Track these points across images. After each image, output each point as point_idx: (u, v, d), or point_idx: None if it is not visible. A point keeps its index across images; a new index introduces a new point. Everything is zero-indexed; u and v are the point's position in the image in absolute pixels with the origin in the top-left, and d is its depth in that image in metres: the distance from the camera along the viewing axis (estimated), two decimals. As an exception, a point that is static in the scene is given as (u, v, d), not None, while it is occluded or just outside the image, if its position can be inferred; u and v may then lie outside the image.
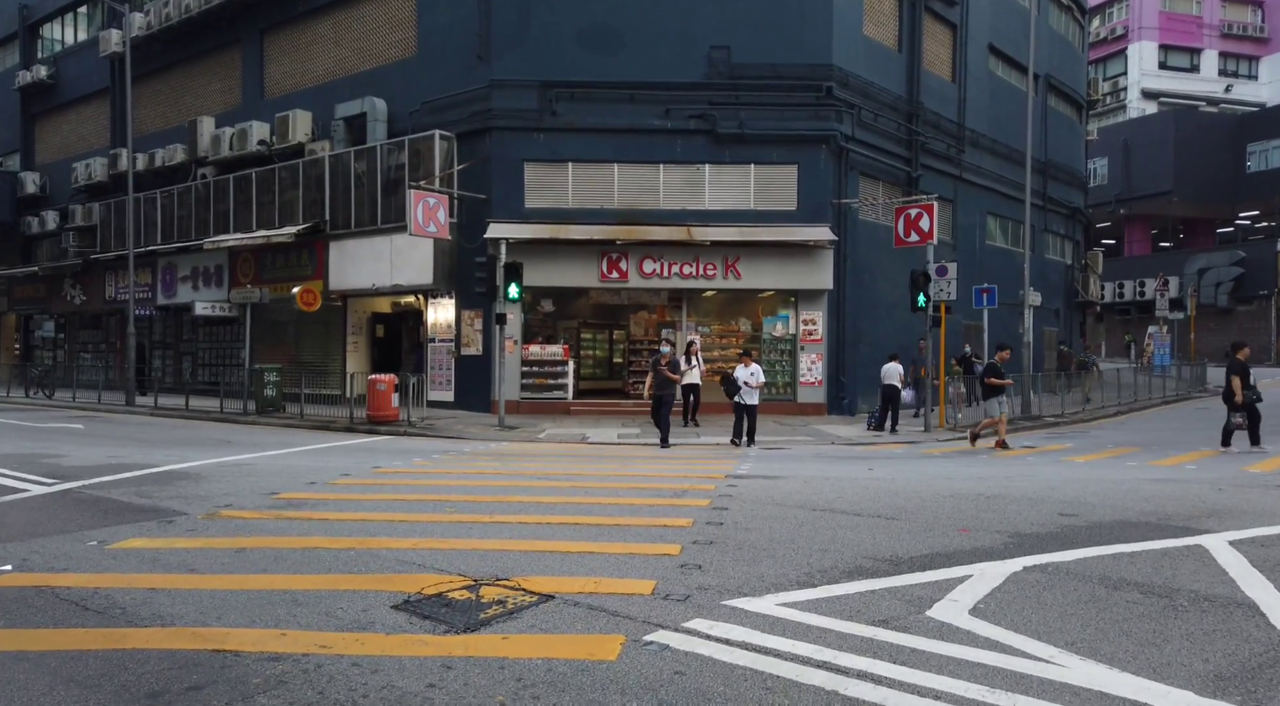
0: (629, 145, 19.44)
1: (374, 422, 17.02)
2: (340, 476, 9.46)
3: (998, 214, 26.37)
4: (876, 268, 21.17)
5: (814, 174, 19.57)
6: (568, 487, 8.60)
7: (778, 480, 9.29)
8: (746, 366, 14.40)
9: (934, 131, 22.77)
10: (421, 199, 18.12)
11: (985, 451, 13.68)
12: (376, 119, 21.19)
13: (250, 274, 24.04)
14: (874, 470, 10.51)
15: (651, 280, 19.42)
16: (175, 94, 27.50)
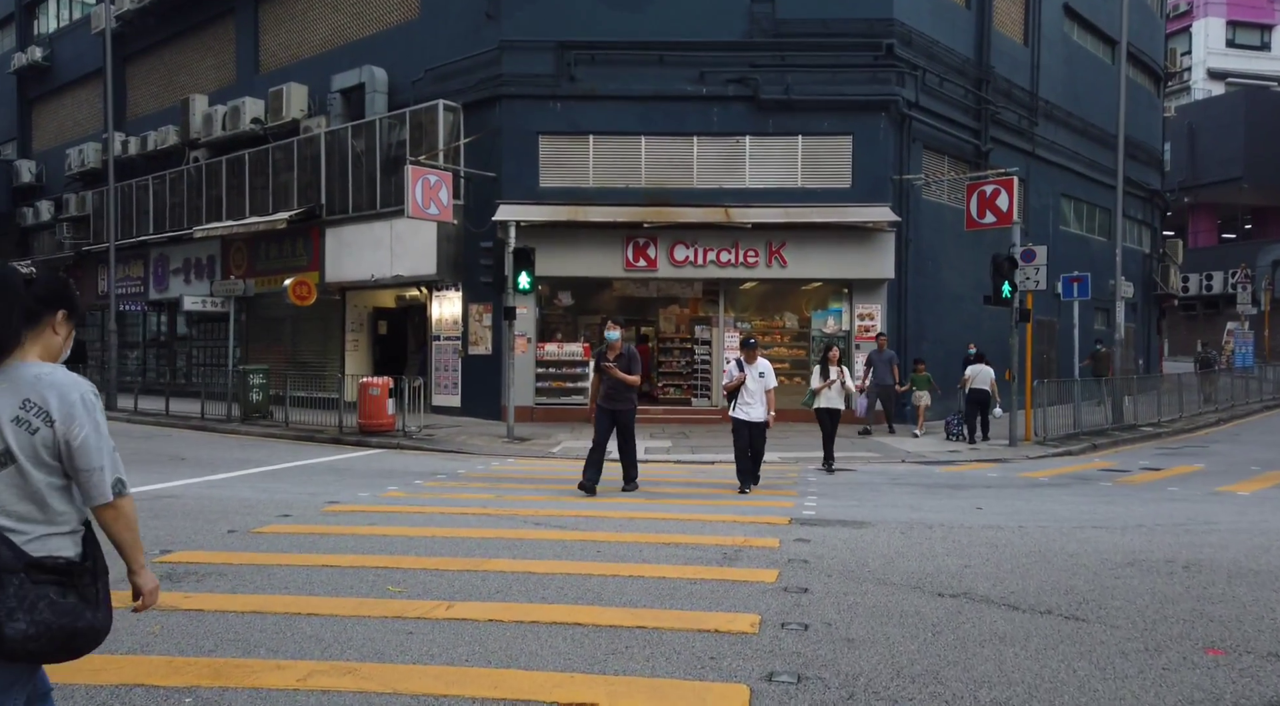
0: (658, 114, 16.98)
1: (366, 432, 14.76)
2: (277, 519, 7.13)
3: (1073, 196, 23.51)
4: (941, 254, 18.50)
5: (872, 146, 16.96)
6: (573, 544, 6.16)
7: (862, 529, 6.78)
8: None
9: (1004, 100, 20.01)
10: (421, 176, 15.82)
11: (1099, 473, 11.03)
12: (376, 90, 18.94)
13: (243, 265, 21.96)
14: (983, 508, 7.96)
15: (684, 269, 16.94)
16: (169, 72, 25.54)
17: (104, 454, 2.16)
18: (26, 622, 2.02)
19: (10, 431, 2.08)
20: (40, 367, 2.14)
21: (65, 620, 2.08)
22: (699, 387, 17.87)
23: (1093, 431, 15.75)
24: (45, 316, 2.21)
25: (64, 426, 2.10)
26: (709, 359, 17.73)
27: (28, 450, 2.09)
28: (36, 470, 2.10)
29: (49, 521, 2.13)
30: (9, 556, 2.05)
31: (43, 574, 2.08)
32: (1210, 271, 47.71)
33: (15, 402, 2.09)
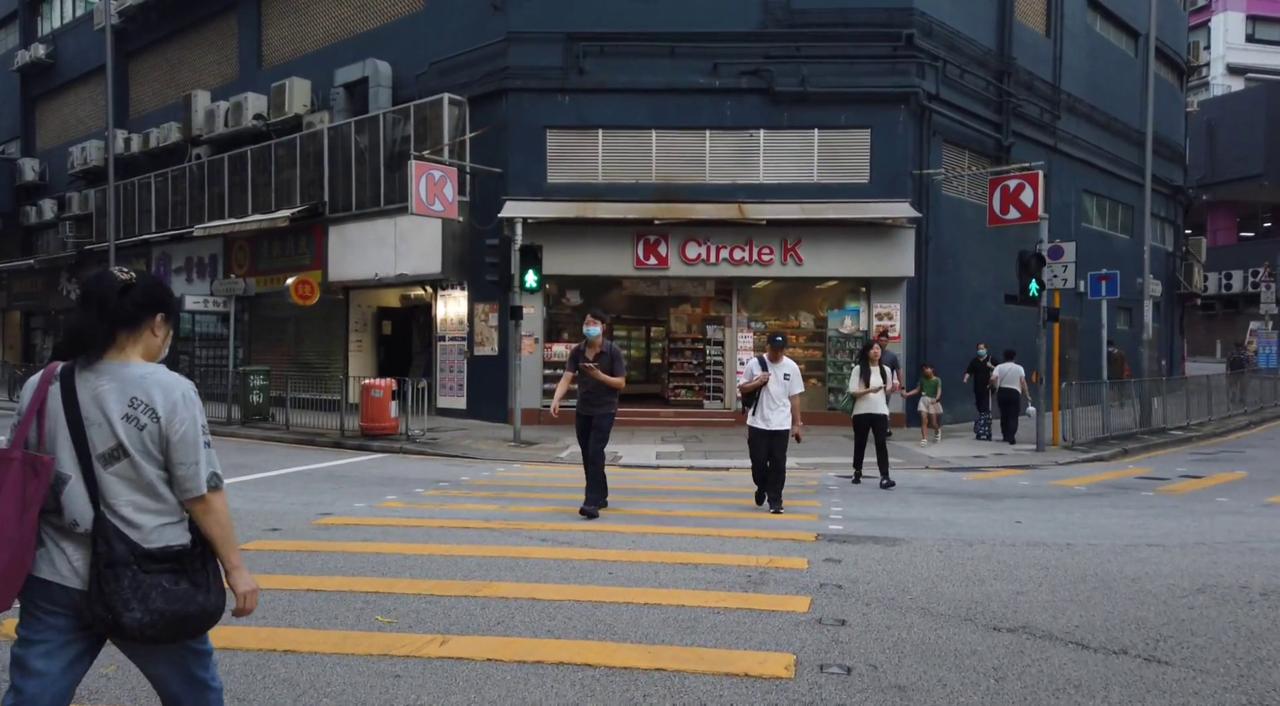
0: (669, 108, 16.45)
1: (368, 436, 14.29)
2: (264, 533, 6.64)
3: (1095, 192, 22.87)
4: (961, 252, 17.91)
5: (890, 140, 16.39)
6: (582, 565, 5.65)
7: (897, 547, 6.24)
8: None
9: (1026, 93, 19.40)
10: (425, 171, 15.33)
11: (1137, 481, 10.45)
12: (379, 84, 18.47)
13: (245, 264, 21.54)
14: (1023, 522, 7.40)
15: (696, 267, 16.40)
16: (172, 68, 25.14)
17: (200, 449, 2.24)
18: (141, 612, 2.13)
19: (121, 427, 2.17)
20: (144, 367, 2.24)
21: (177, 606, 2.17)
22: (711, 389, 17.34)
23: (1122, 435, 15.15)
24: (144, 320, 2.28)
25: (167, 422, 2.19)
26: (722, 360, 17.19)
27: (137, 444, 2.18)
28: (146, 463, 2.19)
29: (161, 511, 2.22)
30: (122, 550, 2.14)
31: (154, 563, 2.17)
32: (1229, 270, 46.87)
33: (124, 400, 2.18)
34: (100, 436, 2.17)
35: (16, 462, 2.12)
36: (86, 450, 2.17)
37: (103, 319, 2.20)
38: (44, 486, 2.14)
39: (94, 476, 2.17)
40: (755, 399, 8.00)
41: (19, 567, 2.12)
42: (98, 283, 2.25)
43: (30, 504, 2.12)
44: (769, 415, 7.92)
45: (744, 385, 8.15)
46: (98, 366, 2.21)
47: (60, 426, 2.18)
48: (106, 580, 2.12)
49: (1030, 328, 19.62)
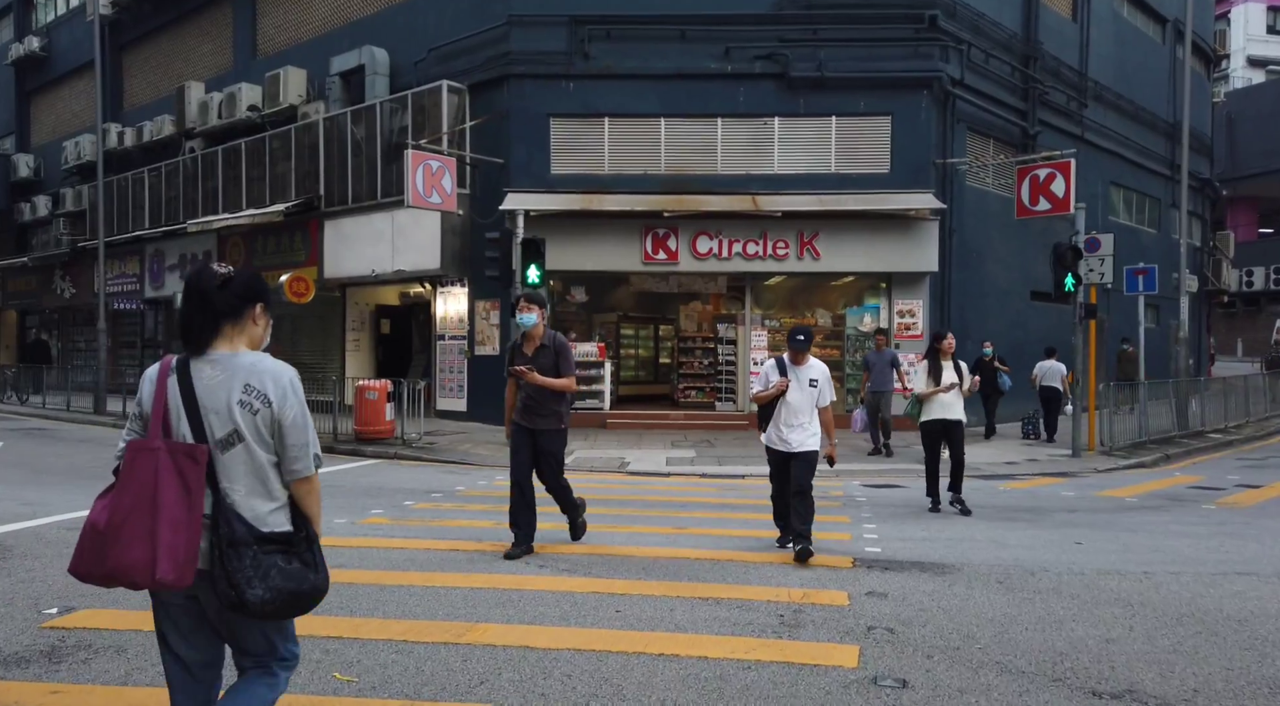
0: (679, 94, 15.64)
1: (362, 440, 13.54)
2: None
3: (1122, 184, 21.95)
4: (986, 246, 17.05)
5: (912, 127, 15.54)
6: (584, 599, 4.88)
7: (948, 577, 5.42)
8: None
9: (1053, 80, 18.51)
10: (422, 161, 14.57)
11: (1190, 491, 9.60)
12: (376, 72, 17.70)
13: (239, 260, 20.79)
14: (1083, 543, 6.57)
15: (707, 262, 15.58)
16: (166, 60, 24.46)
17: (309, 430, 2.35)
18: (263, 588, 2.23)
19: (238, 413, 2.27)
20: (253, 356, 2.35)
21: (293, 584, 2.28)
22: (723, 390, 16.52)
23: (1159, 438, 14.28)
24: (246, 310, 2.37)
25: (279, 407, 2.31)
26: (734, 359, 16.37)
27: (252, 430, 2.29)
28: (260, 448, 2.30)
29: (270, 496, 2.33)
30: (242, 530, 2.26)
31: (270, 544, 2.29)
32: (1250, 267, 45.73)
33: (238, 388, 2.28)
34: (218, 423, 2.27)
35: (163, 451, 2.22)
36: (204, 437, 2.26)
37: (207, 312, 2.31)
38: (203, 472, 2.24)
39: (213, 461, 2.26)
40: (772, 410, 6.13)
41: (194, 546, 2.21)
42: (198, 278, 2.34)
43: (193, 488, 2.23)
44: (789, 433, 6.06)
45: (758, 394, 6.21)
46: (209, 357, 2.31)
47: (180, 415, 2.28)
48: (229, 559, 2.21)
49: (1057, 326, 18.80)
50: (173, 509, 2.19)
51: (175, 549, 2.17)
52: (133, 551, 2.18)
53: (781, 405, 6.09)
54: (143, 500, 2.20)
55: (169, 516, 2.18)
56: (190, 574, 2.20)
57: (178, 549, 2.18)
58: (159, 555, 2.17)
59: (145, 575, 2.18)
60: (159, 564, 2.16)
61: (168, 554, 2.17)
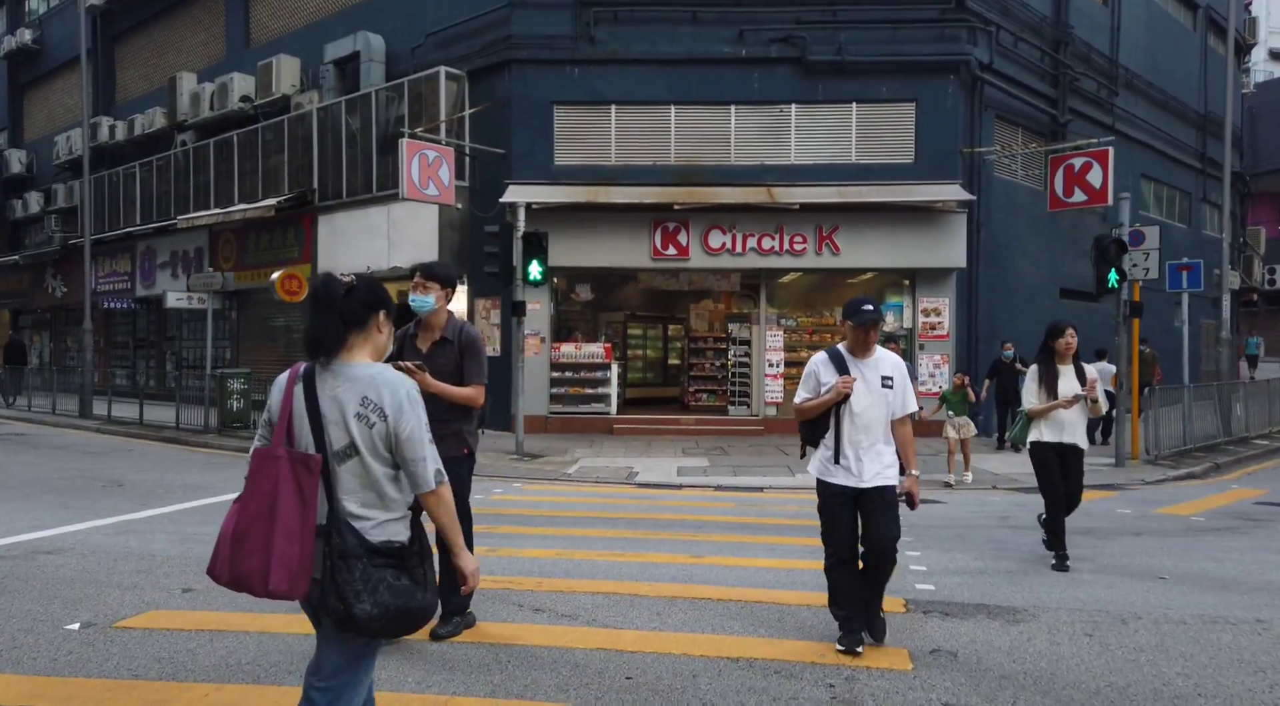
0: (690, 81, 14.77)
1: (353, 447, 12.68)
2: (166, 597, 5.04)
3: (1153, 177, 20.98)
4: (1014, 240, 16.13)
5: (938, 114, 14.63)
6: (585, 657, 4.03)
7: (1022, 623, 4.55)
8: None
9: (1083, 66, 17.57)
10: (418, 151, 13.72)
11: (1259, 509, 8.69)
12: (372, 59, 16.87)
13: (231, 258, 20.03)
14: (1167, 578, 5.67)
15: (720, 257, 14.71)
16: (159, 50, 23.70)
17: (426, 445, 2.33)
18: (370, 603, 2.20)
19: (354, 426, 2.27)
20: (373, 367, 2.35)
21: (400, 601, 2.25)
22: (736, 394, 15.63)
23: (1205, 446, 13.36)
24: (370, 319, 2.38)
25: (395, 420, 2.28)
26: (748, 361, 15.49)
27: (368, 443, 2.28)
28: (375, 461, 2.29)
29: (386, 508, 2.32)
30: (353, 542, 2.24)
31: (381, 558, 2.26)
32: (1273, 265, 44.62)
33: (356, 400, 2.28)
34: (336, 434, 2.28)
35: (284, 460, 2.24)
36: (324, 447, 2.28)
37: (335, 321, 2.31)
38: (317, 481, 2.24)
39: (330, 472, 2.27)
40: (826, 426, 4.16)
41: (308, 556, 2.22)
42: (325, 287, 2.35)
43: (308, 498, 2.23)
44: (858, 459, 4.08)
45: (805, 403, 4.20)
46: (333, 367, 2.33)
47: (304, 425, 2.31)
48: (339, 571, 2.21)
49: (1087, 326, 17.82)
50: (288, 518, 2.20)
51: (289, 559, 2.19)
52: (253, 559, 2.21)
53: (842, 417, 4.08)
54: (264, 508, 2.22)
55: (284, 526, 2.20)
56: (304, 584, 2.21)
57: (291, 559, 2.19)
58: (273, 565, 2.18)
59: (261, 584, 2.20)
60: (272, 574, 2.18)
61: (281, 563, 2.19)
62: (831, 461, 4.13)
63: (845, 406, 4.10)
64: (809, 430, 4.25)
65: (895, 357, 4.26)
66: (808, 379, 4.23)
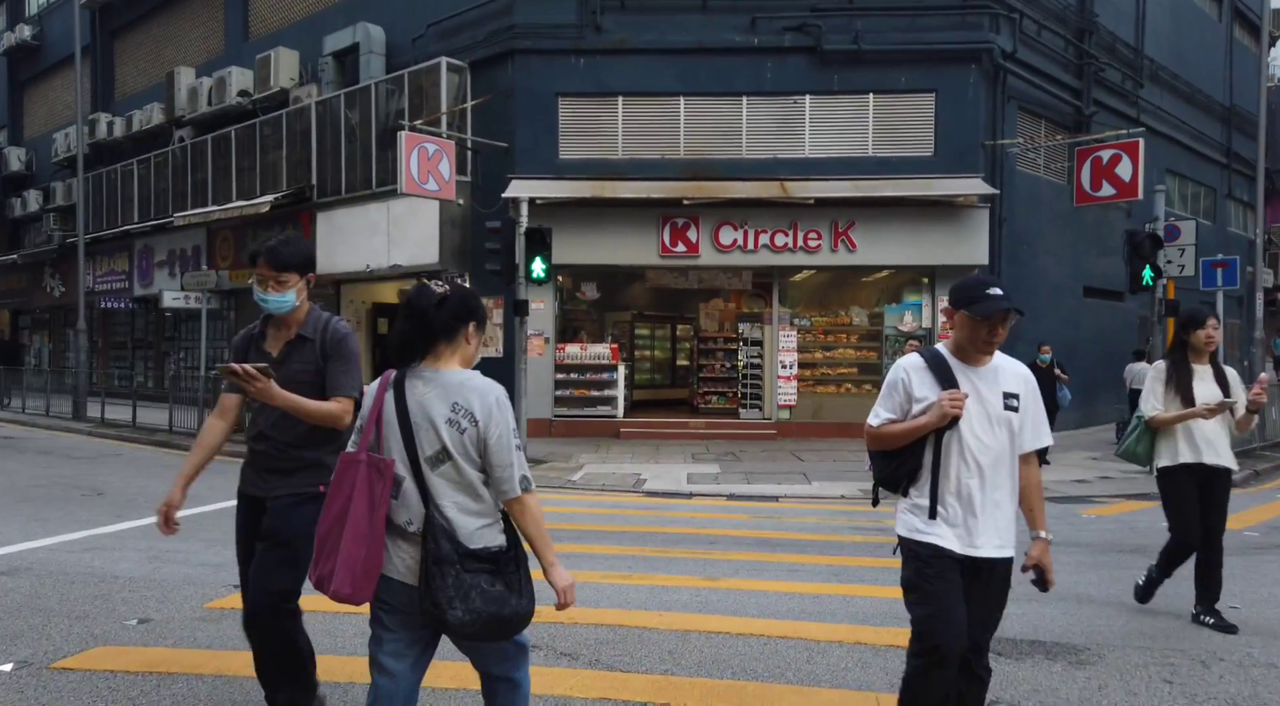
0: (700, 71, 14.21)
1: (350, 451, 12.17)
2: (119, 630, 4.51)
3: (1178, 172, 20.32)
4: (1037, 237, 15.52)
5: (959, 105, 14.03)
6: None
7: (1088, 667, 4.03)
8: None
9: (1108, 56, 16.94)
10: (417, 144, 13.21)
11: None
12: (372, 51, 16.36)
13: (229, 256, 19.56)
14: (1239, 607, 5.09)
15: (731, 254, 14.14)
16: (157, 45, 23.25)
17: (513, 451, 2.32)
18: (463, 610, 2.21)
19: (445, 431, 2.29)
20: (462, 374, 2.37)
21: (493, 607, 2.24)
22: (748, 397, 15.05)
23: (1241, 451, 12.67)
24: (459, 329, 2.40)
25: (485, 426, 2.29)
26: (760, 362, 14.91)
27: (459, 447, 2.29)
28: (467, 465, 2.29)
29: (480, 512, 2.32)
30: (448, 548, 2.23)
31: (475, 563, 2.26)
32: (1292, 263, 43.74)
33: (446, 406, 2.30)
34: (427, 440, 2.29)
35: (363, 465, 2.29)
36: (416, 453, 2.29)
37: (424, 331, 2.34)
38: (388, 486, 2.28)
39: (423, 478, 2.29)
40: (918, 464, 2.85)
41: (375, 562, 2.26)
42: (418, 297, 2.35)
43: (378, 503, 2.27)
44: (969, 514, 2.79)
45: (888, 427, 2.88)
46: (423, 373, 2.35)
47: (393, 431, 2.32)
48: (434, 577, 2.22)
49: (1111, 325, 17.27)
50: (357, 521, 2.24)
51: (353, 562, 2.21)
52: (329, 562, 2.26)
53: (946, 452, 2.77)
54: (342, 513, 2.26)
55: (353, 528, 2.24)
56: (368, 589, 2.24)
57: (355, 561, 2.21)
58: (338, 568, 2.22)
59: (329, 588, 2.24)
60: (336, 576, 2.22)
61: (345, 567, 2.22)
62: (924, 509, 2.78)
63: (952, 435, 2.74)
64: (889, 467, 2.88)
65: (1020, 367, 2.92)
66: (891, 392, 2.87)
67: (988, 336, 2.75)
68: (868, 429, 2.93)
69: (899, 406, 2.85)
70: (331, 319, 3.20)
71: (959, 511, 2.76)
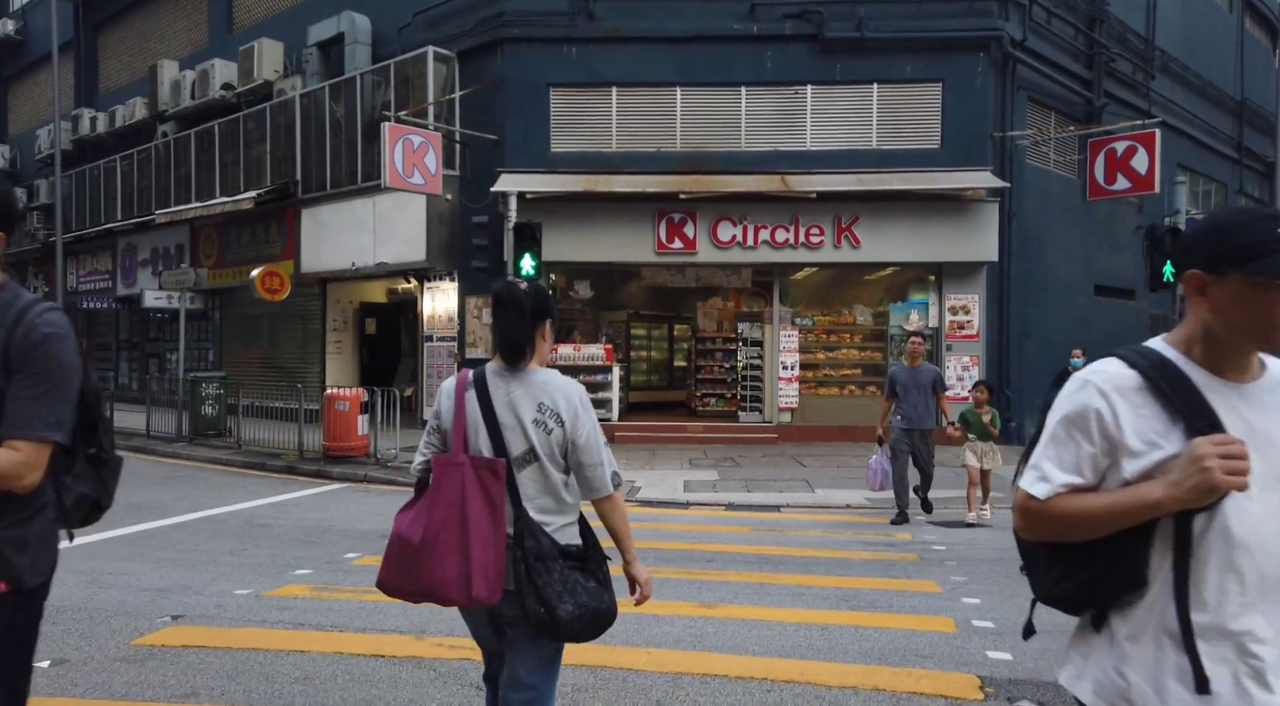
0: (697, 61, 13.66)
1: (331, 458, 11.66)
2: (43, 665, 3.95)
3: (1189, 167, 19.72)
4: (1047, 233, 14.96)
5: (967, 95, 13.49)
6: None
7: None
8: None
9: (1119, 47, 16.39)
10: (401, 136, 12.66)
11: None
12: (357, 40, 15.80)
13: (213, 254, 19.00)
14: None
15: (730, 251, 13.59)
16: (140, 38, 22.70)
17: (602, 449, 2.33)
18: (572, 604, 2.19)
19: (533, 431, 2.26)
20: (545, 373, 2.34)
21: (595, 602, 2.25)
22: (748, 399, 14.50)
23: None
24: (538, 327, 2.37)
25: (571, 426, 2.28)
26: (760, 363, 14.36)
27: (545, 448, 2.27)
28: (552, 466, 2.28)
29: (562, 512, 2.31)
30: (548, 544, 2.23)
31: (570, 560, 2.26)
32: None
33: (533, 406, 2.28)
34: (515, 440, 2.26)
35: (468, 466, 2.23)
36: (502, 452, 2.25)
37: (525, 328, 2.31)
38: (503, 487, 2.23)
39: (513, 478, 2.25)
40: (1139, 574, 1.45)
41: (502, 563, 2.20)
42: (512, 293, 2.33)
43: (497, 504, 2.23)
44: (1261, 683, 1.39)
45: (1076, 502, 1.48)
46: (504, 372, 2.31)
47: (480, 431, 2.28)
48: (538, 574, 2.18)
49: (1121, 325, 16.71)
50: (480, 524, 2.20)
51: (487, 566, 2.19)
52: (447, 568, 2.19)
53: (1199, 547, 1.42)
54: (452, 516, 2.21)
55: (478, 533, 2.19)
56: (500, 590, 2.20)
57: (489, 566, 2.19)
58: (473, 572, 2.17)
59: (459, 592, 2.18)
60: (473, 581, 2.17)
61: (480, 571, 2.18)
62: (1165, 673, 1.43)
63: (1211, 519, 1.42)
64: (1075, 575, 1.53)
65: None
66: (1073, 434, 1.52)
67: (1258, 333, 1.45)
68: (1028, 502, 1.53)
69: (1090, 463, 1.50)
70: (34, 306, 1.92)
71: (1231, 671, 1.41)
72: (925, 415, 8.22)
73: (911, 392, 8.26)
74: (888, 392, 8.51)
